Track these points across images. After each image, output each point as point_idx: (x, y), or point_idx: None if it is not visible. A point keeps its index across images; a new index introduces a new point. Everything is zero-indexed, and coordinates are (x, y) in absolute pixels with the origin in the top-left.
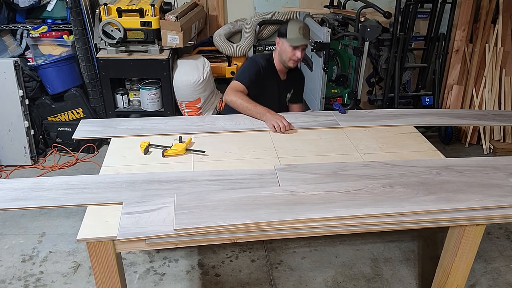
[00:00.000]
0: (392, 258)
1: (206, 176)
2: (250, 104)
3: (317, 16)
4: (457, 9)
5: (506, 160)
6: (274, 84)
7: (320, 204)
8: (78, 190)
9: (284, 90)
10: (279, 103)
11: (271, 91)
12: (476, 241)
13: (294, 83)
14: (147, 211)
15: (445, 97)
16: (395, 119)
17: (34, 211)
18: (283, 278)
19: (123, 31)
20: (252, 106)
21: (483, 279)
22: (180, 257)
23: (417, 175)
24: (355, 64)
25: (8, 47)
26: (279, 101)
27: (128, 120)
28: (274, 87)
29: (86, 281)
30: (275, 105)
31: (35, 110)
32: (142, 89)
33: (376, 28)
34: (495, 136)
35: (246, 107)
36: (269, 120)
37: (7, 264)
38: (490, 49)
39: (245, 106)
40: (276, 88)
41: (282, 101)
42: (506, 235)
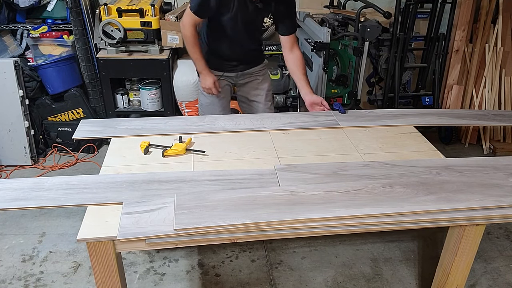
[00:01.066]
0: (392, 258)
1: (206, 176)
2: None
3: (317, 16)
4: (457, 9)
5: (506, 160)
6: (243, 5)
7: (320, 204)
8: (78, 190)
9: (256, 14)
10: (251, 32)
11: (235, 16)
12: (476, 241)
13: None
14: (147, 211)
15: (445, 97)
16: (395, 119)
17: (34, 211)
18: (283, 278)
19: (123, 31)
20: (194, 57)
21: (483, 279)
22: (180, 257)
23: (417, 175)
24: (355, 64)
25: (8, 47)
26: (251, 30)
27: (128, 120)
28: (239, 11)
29: (86, 281)
30: (244, 37)
31: (35, 110)
32: (142, 89)
33: (376, 28)
34: (495, 136)
35: (191, 54)
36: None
37: (7, 264)
38: (490, 49)
39: (190, 53)
40: (243, 12)
41: (255, 30)
42: (506, 235)
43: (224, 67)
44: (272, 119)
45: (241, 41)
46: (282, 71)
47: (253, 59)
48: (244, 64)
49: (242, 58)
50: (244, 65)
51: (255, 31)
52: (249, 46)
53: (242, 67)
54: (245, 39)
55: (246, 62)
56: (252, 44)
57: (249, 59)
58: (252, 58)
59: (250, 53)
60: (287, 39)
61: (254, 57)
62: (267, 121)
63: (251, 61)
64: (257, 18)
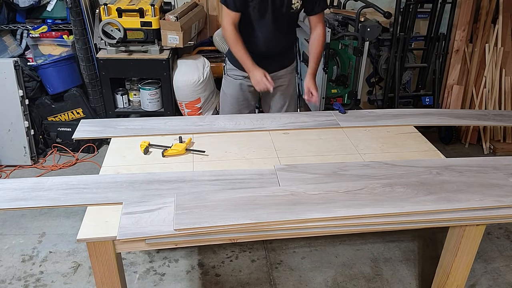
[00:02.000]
0: (392, 258)
1: (206, 176)
2: (237, 52)
3: None
4: (457, 9)
5: (506, 160)
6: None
7: (320, 204)
8: (78, 190)
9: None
10: (280, 21)
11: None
12: (476, 241)
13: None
14: (147, 211)
15: (445, 97)
16: (395, 119)
17: (34, 211)
18: (283, 278)
19: (123, 31)
20: (238, 56)
21: (483, 279)
22: (180, 257)
23: (417, 175)
24: (355, 64)
25: (8, 47)
26: (279, 17)
27: (128, 120)
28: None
29: (86, 281)
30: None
31: (35, 110)
32: (142, 89)
33: (376, 28)
34: (495, 136)
35: (235, 54)
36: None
37: (7, 264)
38: (490, 49)
39: (234, 53)
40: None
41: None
42: (506, 235)
43: None
44: (272, 119)
45: (269, 32)
46: None
47: (282, 58)
48: (273, 64)
49: (270, 54)
50: (272, 65)
51: (284, 19)
52: (278, 39)
53: (270, 67)
54: (274, 30)
55: (275, 61)
56: (281, 36)
57: (278, 57)
58: (281, 57)
59: (280, 48)
60: (314, 18)
61: (283, 55)
62: (267, 121)
63: (280, 60)
64: (284, 2)
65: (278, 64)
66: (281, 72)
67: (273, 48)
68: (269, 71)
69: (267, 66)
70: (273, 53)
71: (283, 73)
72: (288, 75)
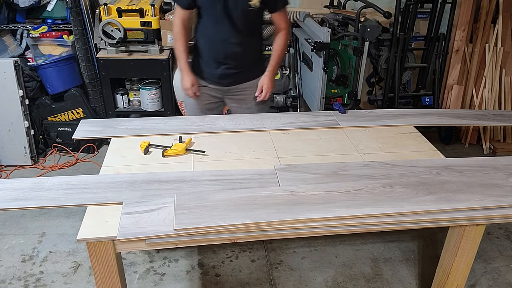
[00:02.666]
0: (392, 258)
1: (206, 176)
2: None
3: (317, 16)
4: (457, 9)
5: (506, 160)
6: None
7: (320, 204)
8: (78, 190)
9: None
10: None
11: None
12: (476, 241)
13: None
14: (147, 211)
15: (445, 97)
16: (395, 119)
17: (34, 211)
18: (283, 278)
19: (123, 31)
20: (176, 53)
21: (483, 279)
22: (180, 257)
23: (417, 175)
24: (355, 64)
25: (8, 47)
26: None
27: (128, 120)
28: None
29: (86, 281)
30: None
31: (35, 110)
32: (142, 89)
33: (376, 28)
34: (495, 136)
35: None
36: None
37: (7, 264)
38: (490, 49)
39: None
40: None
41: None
42: (506, 235)
43: (210, 76)
44: (272, 119)
45: (227, 34)
46: (282, 71)
47: (246, 68)
48: (236, 75)
49: (231, 62)
50: (235, 76)
51: (243, 19)
52: (238, 42)
53: (233, 78)
54: (232, 31)
55: (237, 71)
56: (241, 39)
57: (241, 67)
58: (245, 67)
59: (242, 55)
60: (277, 15)
61: (248, 65)
62: (267, 121)
63: (243, 71)
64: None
65: (241, 76)
66: (244, 85)
67: (233, 54)
68: (230, 82)
69: (228, 77)
70: (234, 61)
71: (247, 87)
72: (252, 90)
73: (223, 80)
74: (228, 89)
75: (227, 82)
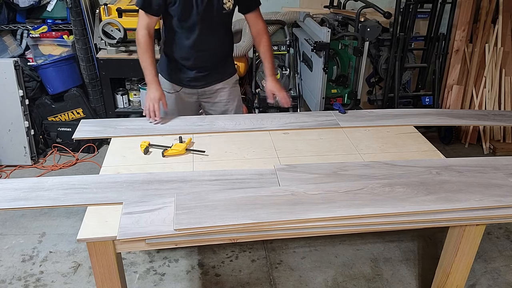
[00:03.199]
0: (392, 258)
1: (206, 176)
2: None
3: (317, 16)
4: (457, 9)
5: (506, 160)
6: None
7: (320, 204)
8: (78, 190)
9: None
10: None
11: (188, 3)
12: (476, 241)
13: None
14: (147, 211)
15: (445, 97)
16: (395, 119)
17: (34, 211)
18: (283, 278)
19: (123, 31)
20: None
21: (483, 279)
22: (180, 257)
23: (417, 175)
24: (355, 64)
25: (8, 47)
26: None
27: (128, 120)
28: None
29: (86, 281)
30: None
31: (35, 110)
32: (142, 89)
33: (376, 28)
34: (495, 136)
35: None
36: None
37: (7, 264)
38: (490, 49)
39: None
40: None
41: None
42: (506, 235)
43: (182, 79)
44: (272, 119)
45: (199, 40)
46: (282, 71)
47: (219, 69)
48: (207, 77)
49: (203, 65)
50: (206, 78)
51: (215, 23)
52: (211, 47)
53: (205, 80)
54: (204, 36)
55: (210, 73)
56: (214, 43)
57: (214, 69)
58: (217, 68)
59: (215, 58)
60: (251, 16)
61: (220, 66)
62: (267, 121)
63: (216, 72)
64: (210, 2)
65: (215, 77)
66: (218, 85)
67: (206, 58)
68: (204, 84)
69: (201, 79)
70: (207, 64)
71: (220, 87)
72: (229, 90)
73: (196, 83)
74: (202, 91)
75: (200, 84)
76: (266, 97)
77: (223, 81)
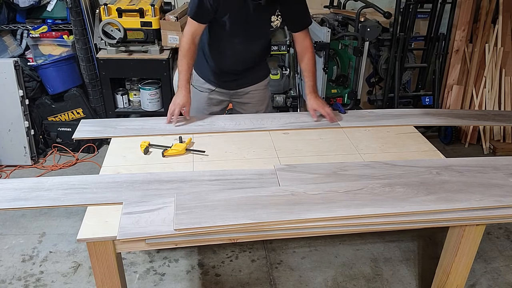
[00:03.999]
0: (392, 258)
1: (206, 176)
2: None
3: (317, 16)
4: (457, 9)
5: (506, 160)
6: (242, 4)
7: (320, 204)
8: (78, 190)
9: (261, 13)
10: (253, 36)
11: (238, 16)
12: (476, 241)
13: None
14: (147, 211)
15: (445, 97)
16: (395, 119)
17: (34, 211)
18: (283, 278)
19: (123, 31)
20: (179, 69)
21: (483, 279)
22: (180, 257)
23: (417, 175)
24: (355, 64)
25: (8, 47)
26: (253, 32)
27: (128, 120)
28: (242, 10)
29: (86, 281)
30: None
31: (35, 110)
32: (142, 89)
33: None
34: (495, 136)
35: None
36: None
37: (7, 264)
38: (490, 49)
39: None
40: (246, 11)
41: (261, 29)
42: (506, 235)
43: (217, 80)
44: (272, 119)
45: (241, 53)
46: (282, 71)
47: (252, 72)
48: (241, 79)
49: (240, 69)
50: (240, 80)
51: (258, 34)
52: (249, 59)
53: (238, 82)
54: (246, 50)
55: (244, 76)
56: (254, 56)
57: (248, 72)
58: (251, 71)
59: (251, 62)
60: (300, 34)
61: (254, 69)
62: (267, 121)
63: (249, 75)
64: (260, 17)
65: (249, 79)
66: (250, 87)
67: (244, 64)
68: (237, 86)
69: (236, 81)
70: (243, 68)
71: (253, 89)
72: (259, 92)
73: (230, 84)
74: (234, 92)
75: (233, 85)
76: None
77: (256, 83)
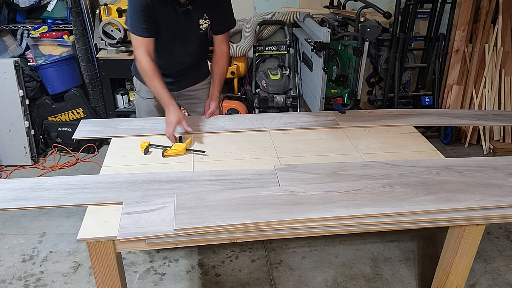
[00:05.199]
0: (392, 258)
1: (206, 176)
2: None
3: (317, 16)
4: (457, 9)
5: (506, 160)
6: (170, 11)
7: (320, 204)
8: (78, 190)
9: (190, 18)
10: (190, 37)
11: (170, 23)
12: (476, 241)
13: (206, 4)
14: (147, 211)
15: (445, 97)
16: (395, 119)
17: (34, 211)
18: (283, 278)
19: (123, 31)
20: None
21: (483, 279)
22: (180, 257)
23: (417, 175)
24: (355, 64)
25: (8, 47)
26: (188, 34)
27: (128, 120)
28: (173, 17)
29: (86, 281)
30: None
31: (35, 110)
32: None
33: (376, 28)
34: (495, 136)
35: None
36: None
37: (7, 264)
38: (490, 49)
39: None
40: (175, 17)
41: (191, 34)
42: (506, 235)
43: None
44: (272, 119)
45: (179, 56)
46: (282, 71)
47: (193, 73)
48: (183, 80)
49: (180, 71)
50: (182, 82)
51: (191, 37)
52: (188, 60)
53: (181, 84)
54: (184, 53)
55: (186, 77)
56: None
57: (189, 72)
58: (192, 72)
59: (190, 64)
60: (218, 38)
61: (194, 70)
62: (267, 121)
63: (191, 75)
64: (190, 22)
65: (190, 80)
66: (192, 87)
67: (182, 67)
68: (179, 87)
69: (177, 84)
70: (183, 72)
71: (195, 88)
72: (204, 91)
73: (173, 87)
74: (178, 93)
75: (176, 87)
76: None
77: (198, 83)
